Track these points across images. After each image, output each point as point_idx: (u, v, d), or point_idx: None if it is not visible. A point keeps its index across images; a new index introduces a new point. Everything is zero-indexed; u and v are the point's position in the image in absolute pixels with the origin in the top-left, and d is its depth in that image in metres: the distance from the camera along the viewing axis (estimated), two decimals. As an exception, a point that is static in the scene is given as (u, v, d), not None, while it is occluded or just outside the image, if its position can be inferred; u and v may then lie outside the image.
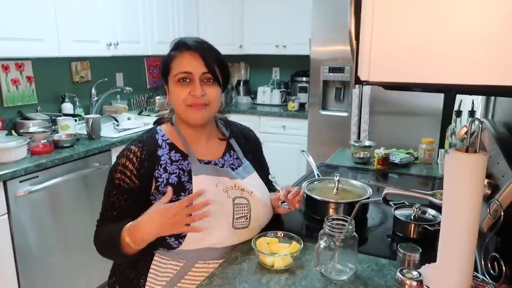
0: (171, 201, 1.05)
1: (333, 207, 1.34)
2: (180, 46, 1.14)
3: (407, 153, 2.07)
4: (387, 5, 0.62)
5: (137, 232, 1.04)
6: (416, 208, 1.24)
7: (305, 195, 1.40)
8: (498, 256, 0.87)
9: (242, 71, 4.36)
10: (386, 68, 0.64)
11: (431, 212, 1.25)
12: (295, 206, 1.24)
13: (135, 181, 1.12)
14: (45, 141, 2.17)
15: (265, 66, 4.34)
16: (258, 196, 1.20)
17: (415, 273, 0.81)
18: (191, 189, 1.12)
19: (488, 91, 1.03)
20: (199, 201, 1.03)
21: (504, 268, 0.84)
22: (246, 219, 1.16)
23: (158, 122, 1.27)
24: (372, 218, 1.38)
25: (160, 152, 1.16)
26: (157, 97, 3.44)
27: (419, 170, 1.94)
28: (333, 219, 1.05)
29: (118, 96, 3.29)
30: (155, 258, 1.14)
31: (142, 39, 3.07)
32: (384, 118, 3.04)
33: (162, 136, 1.19)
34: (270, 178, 1.35)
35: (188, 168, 1.15)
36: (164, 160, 1.15)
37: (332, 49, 3.17)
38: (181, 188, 1.13)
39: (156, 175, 1.13)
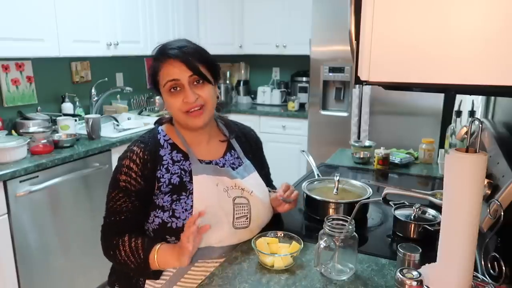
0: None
1: (333, 207, 1.34)
2: (161, 55, 1.13)
3: (407, 153, 2.07)
4: (387, 5, 0.62)
5: (167, 259, 1.08)
6: (416, 208, 1.24)
7: (305, 195, 1.40)
8: (498, 256, 0.87)
9: (242, 71, 4.36)
10: (386, 68, 0.64)
11: (431, 212, 1.25)
12: (294, 198, 1.25)
13: (141, 182, 1.11)
14: (45, 141, 2.17)
15: (265, 66, 4.34)
16: (258, 195, 1.20)
17: (415, 273, 0.81)
18: (192, 189, 1.12)
19: (488, 91, 1.03)
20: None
21: (504, 268, 0.84)
22: (246, 218, 1.16)
23: (158, 122, 1.27)
24: (372, 218, 1.38)
25: (162, 152, 1.16)
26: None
27: (419, 170, 1.94)
28: (333, 219, 1.04)
29: (118, 96, 3.29)
30: (155, 257, 1.14)
31: (142, 39, 3.07)
32: (384, 118, 3.04)
33: (164, 136, 1.19)
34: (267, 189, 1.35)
35: (190, 169, 1.15)
36: (166, 160, 1.15)
37: (332, 49, 3.17)
38: (183, 188, 1.13)
39: (159, 175, 1.13)
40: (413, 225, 1.20)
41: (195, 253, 1.11)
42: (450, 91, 1.32)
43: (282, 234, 1.15)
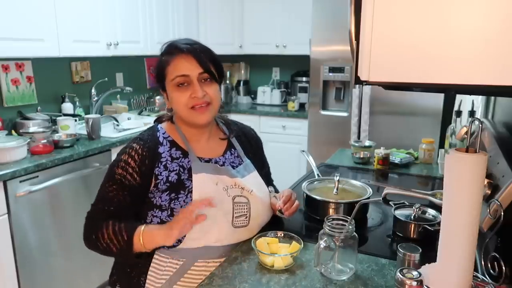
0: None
1: (333, 207, 1.34)
2: (172, 50, 1.14)
3: (407, 153, 2.07)
4: (387, 5, 0.62)
5: (153, 235, 1.08)
6: (416, 208, 1.24)
7: (305, 195, 1.40)
8: (498, 256, 0.87)
9: (242, 71, 4.36)
10: (386, 68, 0.64)
11: (431, 212, 1.25)
12: (290, 214, 1.23)
13: (137, 179, 1.12)
14: (45, 141, 2.17)
15: (265, 66, 4.34)
16: (258, 195, 1.20)
17: (415, 273, 0.81)
18: (191, 188, 1.12)
19: (488, 91, 1.03)
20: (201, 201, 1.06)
21: (504, 268, 0.84)
22: (246, 217, 1.16)
23: (158, 121, 1.27)
24: (372, 218, 1.38)
25: (161, 149, 1.16)
26: (157, 97, 3.44)
27: (419, 170, 1.94)
28: (333, 219, 1.05)
29: (118, 96, 3.29)
30: (155, 256, 1.14)
31: (142, 39, 3.07)
32: (384, 118, 3.04)
33: (163, 133, 1.20)
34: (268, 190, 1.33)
35: (189, 166, 1.15)
36: (165, 157, 1.15)
37: (332, 49, 3.17)
38: (181, 186, 1.13)
39: (156, 172, 1.13)
40: (413, 225, 1.20)
41: (195, 253, 1.12)
42: (450, 91, 1.32)
43: (282, 234, 1.15)
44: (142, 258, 1.13)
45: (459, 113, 2.09)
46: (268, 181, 1.39)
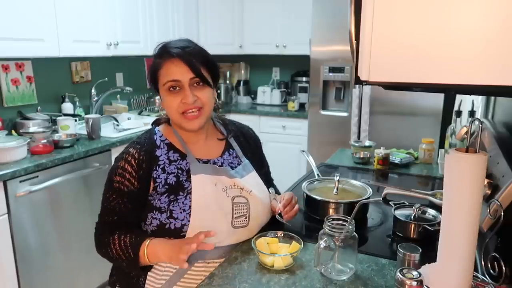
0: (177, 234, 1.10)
1: (333, 207, 1.34)
2: (163, 53, 1.13)
3: (407, 153, 2.07)
4: (387, 5, 0.62)
5: (158, 254, 1.08)
6: (416, 208, 1.24)
7: (305, 195, 1.40)
8: (498, 256, 0.87)
9: (242, 71, 4.36)
10: (386, 68, 0.64)
11: (431, 212, 1.25)
12: (289, 218, 1.23)
13: (135, 183, 1.12)
14: (45, 141, 2.17)
15: (265, 66, 4.34)
16: (257, 195, 1.20)
17: (415, 273, 0.81)
18: (190, 189, 1.12)
19: (488, 91, 1.03)
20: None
21: (504, 268, 0.84)
22: (245, 218, 1.16)
23: (156, 123, 1.27)
24: (372, 218, 1.38)
25: (158, 153, 1.16)
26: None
27: (419, 170, 1.94)
28: (333, 219, 1.05)
29: (118, 96, 3.29)
30: (155, 257, 1.14)
31: (142, 39, 3.07)
32: (384, 118, 3.04)
33: (160, 136, 1.19)
34: (269, 191, 1.32)
35: (187, 168, 1.15)
36: (163, 160, 1.15)
37: (332, 49, 3.17)
38: (180, 188, 1.13)
39: (154, 175, 1.13)
40: (413, 225, 1.20)
41: (195, 254, 1.11)
42: (450, 91, 1.32)
43: (282, 234, 1.15)
44: (146, 270, 1.14)
45: (459, 113, 2.09)
46: (268, 180, 1.39)
